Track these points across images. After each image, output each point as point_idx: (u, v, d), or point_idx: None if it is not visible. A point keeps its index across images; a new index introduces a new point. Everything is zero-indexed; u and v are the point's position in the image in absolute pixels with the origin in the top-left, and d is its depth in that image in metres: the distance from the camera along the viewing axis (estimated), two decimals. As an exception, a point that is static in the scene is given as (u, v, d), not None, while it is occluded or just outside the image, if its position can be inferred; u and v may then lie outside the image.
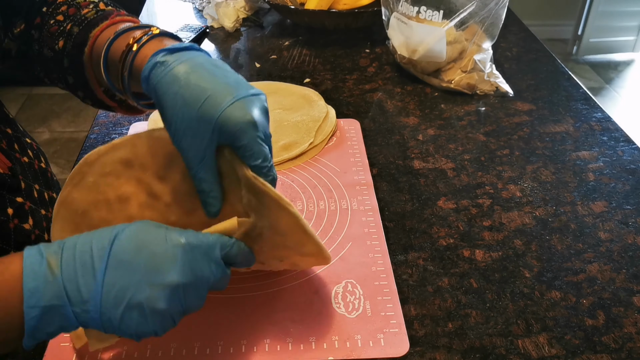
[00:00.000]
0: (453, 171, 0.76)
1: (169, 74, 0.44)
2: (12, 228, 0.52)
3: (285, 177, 0.74)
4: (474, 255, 0.62)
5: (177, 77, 0.44)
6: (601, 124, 0.86)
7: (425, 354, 0.52)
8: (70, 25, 0.56)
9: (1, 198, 0.52)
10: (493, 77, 0.94)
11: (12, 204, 0.53)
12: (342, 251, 0.62)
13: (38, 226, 0.56)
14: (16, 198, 0.54)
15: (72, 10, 0.57)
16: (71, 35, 0.56)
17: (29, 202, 0.55)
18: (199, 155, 0.45)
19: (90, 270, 0.38)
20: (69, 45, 0.56)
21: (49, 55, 0.58)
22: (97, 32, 0.54)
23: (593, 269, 0.61)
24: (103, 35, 0.54)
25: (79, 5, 0.58)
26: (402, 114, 0.89)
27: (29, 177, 0.57)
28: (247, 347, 0.52)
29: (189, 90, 0.44)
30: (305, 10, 1.08)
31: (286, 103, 0.88)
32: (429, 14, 0.91)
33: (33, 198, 0.56)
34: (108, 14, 0.57)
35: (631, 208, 0.69)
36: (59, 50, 0.56)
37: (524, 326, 0.54)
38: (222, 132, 0.44)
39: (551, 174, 0.75)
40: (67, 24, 0.57)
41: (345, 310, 0.55)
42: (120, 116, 0.87)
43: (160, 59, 0.45)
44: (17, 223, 0.53)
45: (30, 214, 0.55)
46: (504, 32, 1.01)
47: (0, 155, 0.53)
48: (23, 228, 0.54)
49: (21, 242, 0.53)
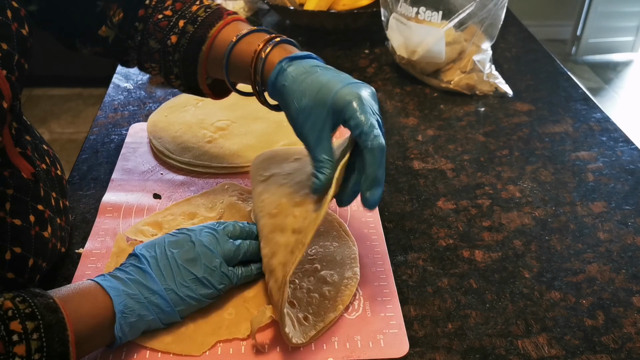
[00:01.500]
0: (452, 172, 0.76)
1: (291, 77, 0.52)
2: (34, 235, 0.53)
3: (285, 178, 0.74)
4: (473, 256, 0.62)
5: (298, 78, 0.52)
6: (600, 125, 0.86)
7: (425, 355, 0.52)
8: (183, 22, 0.61)
9: (25, 205, 0.52)
10: (492, 77, 0.94)
11: (34, 212, 0.53)
12: (342, 252, 0.62)
13: (54, 235, 0.57)
14: (37, 205, 0.54)
15: (178, 5, 0.62)
16: (186, 32, 0.60)
17: (48, 210, 0.56)
18: (316, 138, 0.51)
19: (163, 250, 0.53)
20: (183, 41, 0.60)
21: (155, 47, 0.62)
22: (214, 32, 0.60)
23: (592, 269, 0.61)
24: (222, 35, 0.60)
25: (184, 0, 0.62)
26: (402, 115, 0.89)
27: (47, 184, 0.57)
28: (247, 348, 0.52)
29: (308, 85, 0.51)
30: (304, 11, 1.08)
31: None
32: (428, 14, 0.91)
33: (51, 206, 0.57)
34: (219, 13, 0.61)
35: (630, 208, 0.69)
36: (172, 45, 0.61)
37: (523, 326, 0.54)
38: (334, 113, 0.50)
39: (550, 175, 0.75)
40: (179, 20, 0.61)
41: (345, 311, 0.55)
42: (120, 117, 0.87)
43: (285, 65, 0.53)
44: (37, 230, 0.53)
45: (49, 222, 0.56)
46: (503, 32, 1.01)
47: (25, 162, 0.53)
48: (43, 236, 0.54)
49: (41, 249, 0.54)
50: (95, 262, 0.60)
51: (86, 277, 0.58)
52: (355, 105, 0.49)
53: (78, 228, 0.65)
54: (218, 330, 0.52)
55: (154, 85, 0.96)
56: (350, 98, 0.49)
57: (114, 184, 0.72)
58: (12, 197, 0.51)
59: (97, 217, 0.67)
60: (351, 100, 0.49)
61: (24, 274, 0.52)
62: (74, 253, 0.62)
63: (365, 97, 0.50)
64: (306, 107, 0.51)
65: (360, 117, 0.48)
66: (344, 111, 0.49)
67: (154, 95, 0.94)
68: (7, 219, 0.50)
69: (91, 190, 0.71)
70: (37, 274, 0.54)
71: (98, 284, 0.49)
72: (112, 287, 0.49)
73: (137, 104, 0.91)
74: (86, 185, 0.72)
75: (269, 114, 0.85)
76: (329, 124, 0.51)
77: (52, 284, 0.58)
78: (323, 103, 0.50)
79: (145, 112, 0.89)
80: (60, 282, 0.59)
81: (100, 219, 0.66)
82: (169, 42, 0.61)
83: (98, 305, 0.47)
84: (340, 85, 0.50)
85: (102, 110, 0.89)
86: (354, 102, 0.49)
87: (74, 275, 0.59)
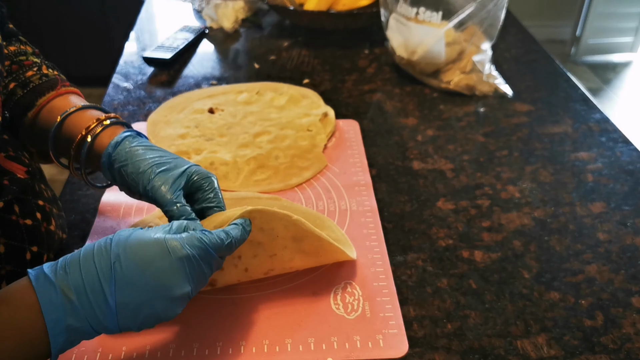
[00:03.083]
0: (452, 172, 0.76)
1: (129, 151, 0.52)
2: (44, 232, 0.53)
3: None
4: (473, 256, 0.62)
5: (137, 151, 0.52)
6: (600, 125, 0.86)
7: (425, 355, 0.52)
8: (13, 85, 0.57)
9: (29, 204, 0.53)
10: (492, 78, 0.95)
11: (37, 209, 0.54)
12: (341, 252, 0.62)
13: (57, 226, 0.57)
14: (38, 201, 0.55)
15: (14, 67, 0.58)
16: (14, 95, 0.57)
17: (46, 203, 0.56)
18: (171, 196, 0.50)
19: (101, 295, 0.40)
20: (9, 103, 0.57)
21: (6, 120, 0.58)
22: (43, 101, 0.57)
23: (592, 269, 0.61)
24: (51, 106, 0.57)
25: (22, 64, 0.59)
26: (401, 115, 0.89)
27: (37, 177, 0.57)
28: (246, 348, 0.52)
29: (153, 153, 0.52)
30: (304, 11, 1.08)
31: (285, 104, 0.88)
32: (427, 15, 0.91)
33: (45, 198, 0.57)
34: (53, 82, 0.58)
35: (629, 209, 0.69)
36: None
37: (522, 327, 0.54)
38: (190, 179, 0.51)
39: (550, 175, 0.75)
40: (10, 82, 0.58)
41: (344, 311, 0.55)
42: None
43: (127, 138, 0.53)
44: (46, 226, 0.54)
45: (51, 215, 0.56)
46: (502, 33, 1.01)
47: (14, 164, 0.54)
48: (51, 230, 0.55)
49: (51, 244, 0.54)
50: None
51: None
52: (216, 184, 0.52)
53: (78, 228, 0.65)
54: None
55: (154, 85, 0.96)
56: (211, 175, 0.52)
57: (113, 183, 0.72)
58: (17, 199, 0.51)
59: (97, 216, 0.67)
60: (212, 178, 0.52)
61: None
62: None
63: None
64: (156, 171, 0.50)
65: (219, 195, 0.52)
66: (205, 184, 0.51)
67: (153, 95, 0.94)
68: (19, 221, 0.50)
69: (91, 190, 0.71)
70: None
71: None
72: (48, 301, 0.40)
73: (137, 103, 0.91)
74: (86, 185, 0.72)
75: (269, 114, 0.85)
76: (181, 187, 0.51)
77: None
78: (179, 168, 0.51)
79: (145, 111, 0.89)
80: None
81: (100, 219, 0.66)
82: None
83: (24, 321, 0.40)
84: (188, 163, 0.52)
85: (102, 110, 0.89)
86: (215, 181, 0.52)
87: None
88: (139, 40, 1.17)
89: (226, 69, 1.04)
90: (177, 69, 1.02)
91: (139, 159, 0.51)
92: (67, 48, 2.44)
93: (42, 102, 0.57)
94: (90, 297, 0.40)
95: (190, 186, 0.51)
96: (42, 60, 0.61)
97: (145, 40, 1.17)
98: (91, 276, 0.40)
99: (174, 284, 0.42)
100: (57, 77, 0.60)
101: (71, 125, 0.55)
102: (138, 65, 1.04)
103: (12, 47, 0.60)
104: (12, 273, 0.49)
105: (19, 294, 0.40)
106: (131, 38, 1.17)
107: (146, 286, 0.41)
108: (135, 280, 0.40)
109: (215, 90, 0.92)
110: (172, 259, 0.41)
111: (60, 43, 2.43)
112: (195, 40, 1.12)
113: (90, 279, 0.40)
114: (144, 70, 1.02)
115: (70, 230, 0.65)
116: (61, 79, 0.60)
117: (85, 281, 0.40)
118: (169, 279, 0.41)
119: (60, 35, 2.41)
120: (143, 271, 0.41)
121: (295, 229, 0.53)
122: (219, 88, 0.93)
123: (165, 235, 0.43)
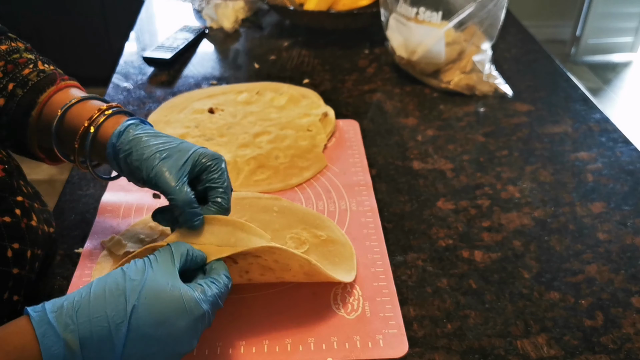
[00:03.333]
0: (452, 172, 0.76)
1: (133, 139, 0.51)
2: (24, 228, 0.53)
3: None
4: (473, 256, 0.62)
5: (141, 139, 0.51)
6: (600, 125, 0.86)
7: (424, 355, 0.52)
8: (12, 85, 0.56)
9: (6, 201, 0.52)
10: (492, 78, 0.95)
11: (16, 205, 0.53)
12: (341, 252, 0.62)
13: (39, 221, 0.57)
14: (17, 198, 0.54)
15: (10, 66, 0.57)
16: (14, 96, 0.56)
17: (25, 199, 0.56)
18: (177, 179, 0.50)
19: (109, 345, 0.39)
20: (11, 105, 0.56)
21: None
22: (44, 97, 0.56)
23: (592, 269, 0.61)
24: (52, 101, 0.56)
25: (17, 63, 0.58)
26: (401, 115, 0.89)
27: (14, 174, 0.57)
28: (246, 348, 0.52)
29: (157, 140, 0.51)
30: (304, 11, 1.08)
31: (285, 104, 0.88)
32: (427, 15, 0.91)
33: (24, 193, 0.56)
34: (52, 78, 0.58)
35: (630, 209, 0.69)
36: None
37: (522, 327, 0.54)
38: (197, 162, 0.51)
39: (550, 175, 0.75)
40: (8, 83, 0.57)
41: (344, 311, 0.55)
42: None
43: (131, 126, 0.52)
44: (26, 222, 0.53)
45: (32, 211, 0.56)
46: (502, 33, 1.01)
47: None
48: (32, 225, 0.54)
49: (34, 239, 0.54)
50: (95, 261, 0.60)
51: (86, 277, 0.58)
52: (223, 165, 0.52)
53: (78, 228, 0.65)
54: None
55: (154, 85, 0.96)
56: (218, 157, 0.52)
57: (113, 183, 0.72)
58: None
59: (97, 216, 0.67)
60: (219, 159, 0.52)
61: (25, 266, 0.52)
62: (74, 253, 0.62)
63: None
64: (163, 151, 0.50)
65: (225, 177, 0.52)
66: (210, 166, 0.51)
67: (153, 95, 0.94)
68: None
69: (90, 190, 0.71)
70: (35, 262, 0.55)
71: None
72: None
73: (137, 103, 0.91)
74: (86, 185, 0.72)
75: (269, 115, 0.85)
76: (187, 171, 0.51)
77: (52, 283, 0.58)
78: (185, 151, 0.51)
79: (145, 111, 0.89)
80: (60, 281, 0.59)
81: (99, 219, 0.66)
82: None
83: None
84: (196, 147, 0.52)
85: (102, 110, 0.89)
86: (220, 163, 0.52)
87: (73, 275, 0.59)
88: (139, 40, 1.17)
89: (226, 69, 1.04)
90: (177, 69, 1.02)
91: (142, 146, 0.50)
92: (67, 48, 2.44)
93: (44, 98, 0.56)
94: (97, 350, 0.39)
95: (198, 169, 0.51)
96: (37, 55, 0.60)
97: (145, 40, 1.17)
98: (100, 327, 0.39)
99: (186, 342, 0.42)
100: (55, 71, 0.59)
101: (73, 117, 0.54)
102: (138, 65, 1.04)
103: (3, 45, 0.59)
104: None
105: (18, 338, 0.39)
106: (131, 38, 1.17)
107: (158, 339, 0.40)
108: (148, 333, 0.40)
109: (215, 90, 0.92)
110: (189, 320, 0.42)
111: (60, 43, 2.43)
112: (195, 40, 1.12)
113: (99, 330, 0.39)
114: (144, 70, 1.02)
115: (70, 230, 0.65)
116: (59, 73, 0.59)
117: (93, 332, 0.39)
118: (182, 336, 0.42)
119: (60, 36, 2.41)
120: (158, 326, 0.40)
121: (309, 268, 0.53)
122: (219, 88, 0.93)
123: (181, 289, 0.42)
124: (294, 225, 0.63)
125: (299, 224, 0.63)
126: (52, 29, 2.39)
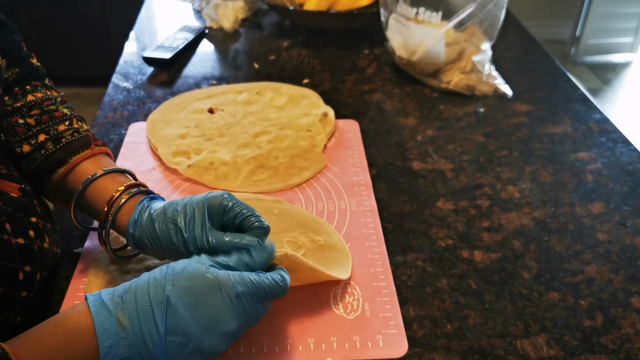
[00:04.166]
0: (452, 172, 0.76)
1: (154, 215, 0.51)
2: (37, 250, 0.52)
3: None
4: (472, 256, 0.62)
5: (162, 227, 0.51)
6: (599, 125, 0.86)
7: (424, 355, 0.52)
8: (43, 137, 0.57)
9: (21, 222, 0.51)
10: (492, 78, 0.95)
11: (30, 226, 0.52)
12: (341, 252, 0.62)
13: (51, 242, 0.56)
14: (31, 219, 0.53)
15: (45, 117, 0.58)
16: (44, 148, 0.57)
17: (39, 219, 0.55)
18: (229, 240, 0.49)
19: (153, 325, 0.41)
20: (38, 156, 0.57)
21: (1, 142, 0.58)
22: (77, 159, 0.57)
23: (591, 270, 0.61)
24: (82, 166, 0.57)
25: (53, 116, 0.59)
26: (401, 115, 0.89)
27: (29, 194, 0.56)
28: (246, 348, 0.52)
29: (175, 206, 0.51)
30: (304, 11, 1.08)
31: (285, 104, 0.88)
32: (427, 15, 0.91)
33: (38, 214, 0.56)
34: (86, 140, 0.58)
35: (629, 209, 0.69)
36: (21, 153, 0.57)
37: (522, 327, 0.54)
38: (211, 208, 0.50)
39: (550, 175, 0.75)
40: (39, 133, 0.57)
41: (344, 311, 0.55)
42: (119, 117, 0.87)
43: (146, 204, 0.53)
44: (39, 244, 0.53)
45: (44, 232, 0.55)
46: (502, 33, 1.01)
47: (6, 182, 0.52)
48: (44, 248, 0.54)
49: (44, 262, 0.53)
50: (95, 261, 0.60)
51: (86, 277, 0.58)
52: (230, 198, 0.51)
53: (78, 228, 0.65)
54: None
55: (154, 85, 0.96)
56: (225, 195, 0.51)
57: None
58: (9, 217, 0.50)
59: (97, 216, 0.67)
60: (226, 197, 0.51)
61: (33, 288, 0.51)
62: (74, 253, 0.62)
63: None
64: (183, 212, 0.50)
65: (241, 205, 0.51)
66: (223, 205, 0.50)
67: (153, 94, 0.94)
68: (12, 240, 0.49)
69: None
70: (41, 284, 0.54)
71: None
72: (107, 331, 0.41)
73: (137, 103, 0.91)
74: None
75: (269, 115, 0.85)
76: (206, 219, 0.50)
77: (52, 283, 0.58)
78: (201, 202, 0.51)
79: (145, 111, 0.89)
80: (60, 281, 0.59)
81: (99, 219, 0.66)
82: (19, 149, 0.57)
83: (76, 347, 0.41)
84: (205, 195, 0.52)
85: (102, 109, 0.89)
86: (228, 197, 0.51)
87: (72, 275, 0.59)
88: (138, 40, 1.17)
89: (226, 69, 1.04)
90: (177, 69, 1.02)
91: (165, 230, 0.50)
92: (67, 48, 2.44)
93: (76, 160, 0.57)
94: (142, 327, 0.41)
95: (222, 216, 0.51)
96: (72, 111, 0.61)
97: (145, 40, 1.17)
98: (145, 306, 0.42)
99: (224, 321, 0.43)
100: (88, 132, 0.60)
101: (92, 193, 0.55)
102: (138, 65, 1.04)
103: (39, 93, 0.59)
104: (4, 294, 0.48)
105: (75, 317, 0.42)
106: (131, 38, 1.17)
107: (196, 320, 0.42)
108: (186, 314, 0.42)
109: (215, 90, 0.92)
110: (224, 298, 0.43)
111: (60, 43, 2.43)
112: (195, 40, 1.12)
113: (144, 309, 0.42)
114: (144, 70, 1.02)
115: (70, 230, 0.65)
116: (92, 134, 0.60)
117: (139, 311, 0.42)
118: (220, 315, 0.43)
119: (60, 35, 2.41)
120: (196, 306, 0.42)
121: (289, 262, 0.52)
122: (218, 88, 0.93)
123: (218, 272, 0.44)
124: (292, 229, 0.63)
125: (297, 228, 0.63)
126: (52, 29, 2.39)
